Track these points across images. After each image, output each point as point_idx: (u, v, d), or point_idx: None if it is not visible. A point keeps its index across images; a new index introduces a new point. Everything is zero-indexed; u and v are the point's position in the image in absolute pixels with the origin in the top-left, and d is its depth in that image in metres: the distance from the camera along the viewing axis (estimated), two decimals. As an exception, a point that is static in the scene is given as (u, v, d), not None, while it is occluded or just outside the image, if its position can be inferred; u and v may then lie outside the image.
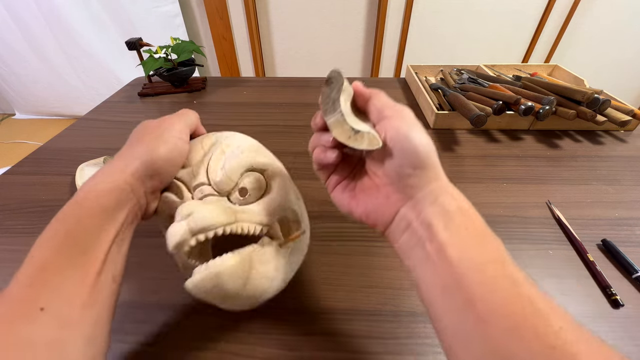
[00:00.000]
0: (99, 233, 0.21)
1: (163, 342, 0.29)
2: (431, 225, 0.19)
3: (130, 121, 0.66)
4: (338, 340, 0.29)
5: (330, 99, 0.23)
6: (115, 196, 0.23)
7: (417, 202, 0.20)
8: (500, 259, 0.18)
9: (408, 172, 0.20)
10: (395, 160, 0.20)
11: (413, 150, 0.20)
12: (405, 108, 0.22)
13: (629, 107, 0.57)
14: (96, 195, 0.22)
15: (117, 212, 0.22)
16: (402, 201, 0.21)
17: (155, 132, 0.27)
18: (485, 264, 0.17)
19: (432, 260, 0.19)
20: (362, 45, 1.59)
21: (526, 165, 0.51)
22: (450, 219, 0.19)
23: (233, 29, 1.56)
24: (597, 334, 0.15)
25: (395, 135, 0.20)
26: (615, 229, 0.39)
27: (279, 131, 0.61)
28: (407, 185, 0.20)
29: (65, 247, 0.20)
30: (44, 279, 0.18)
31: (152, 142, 0.26)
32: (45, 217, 0.42)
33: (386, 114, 0.21)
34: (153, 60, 0.72)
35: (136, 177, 0.24)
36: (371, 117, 0.23)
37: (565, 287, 0.33)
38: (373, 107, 0.22)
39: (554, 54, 1.55)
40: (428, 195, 0.20)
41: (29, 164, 0.53)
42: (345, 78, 0.23)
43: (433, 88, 0.71)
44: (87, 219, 0.21)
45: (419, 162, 0.20)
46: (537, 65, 0.81)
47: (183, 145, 0.27)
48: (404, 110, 0.22)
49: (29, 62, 1.72)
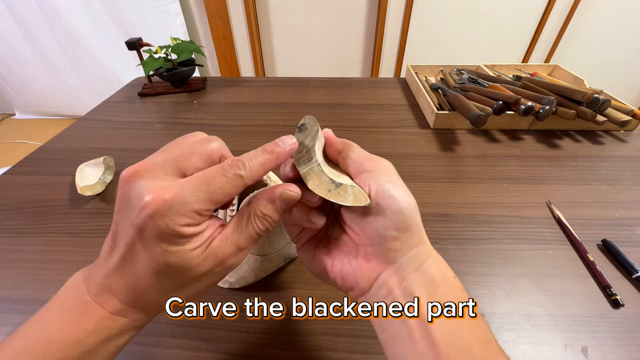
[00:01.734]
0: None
1: (163, 342, 0.29)
2: (414, 295, 0.17)
3: (130, 121, 0.66)
4: (338, 340, 0.29)
5: (304, 147, 0.20)
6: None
7: (400, 267, 0.18)
8: (486, 338, 0.17)
9: (392, 234, 0.18)
10: (379, 220, 0.18)
11: (399, 211, 0.18)
12: (386, 161, 0.20)
13: (629, 107, 0.57)
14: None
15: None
16: (383, 265, 0.19)
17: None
18: (471, 345, 0.16)
19: (413, 338, 0.17)
20: (362, 45, 1.59)
21: (526, 165, 0.51)
22: (434, 290, 0.17)
23: (233, 29, 1.56)
24: (597, 334, 0.15)
25: (380, 192, 0.18)
26: (615, 229, 0.39)
27: (279, 131, 0.61)
28: (389, 249, 0.18)
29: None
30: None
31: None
32: (45, 217, 0.43)
33: (367, 167, 0.19)
34: (153, 60, 0.72)
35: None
36: (349, 170, 0.21)
37: (565, 287, 0.33)
38: (350, 160, 0.20)
39: (554, 54, 1.55)
40: (412, 260, 0.18)
41: (29, 164, 0.53)
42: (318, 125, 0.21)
43: (433, 88, 0.71)
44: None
45: (404, 225, 0.18)
46: (537, 65, 0.81)
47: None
48: (385, 163, 0.20)
49: (29, 62, 1.73)
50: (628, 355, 0.27)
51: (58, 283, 0.18)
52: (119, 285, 0.17)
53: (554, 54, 1.55)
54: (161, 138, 0.60)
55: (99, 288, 0.17)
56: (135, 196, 0.16)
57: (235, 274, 0.30)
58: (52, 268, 0.35)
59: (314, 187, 0.19)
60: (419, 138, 0.59)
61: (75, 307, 0.17)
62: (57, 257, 0.37)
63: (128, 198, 0.16)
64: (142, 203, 0.15)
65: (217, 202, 0.17)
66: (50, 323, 0.17)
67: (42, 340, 0.16)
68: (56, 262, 0.36)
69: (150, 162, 0.17)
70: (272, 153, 0.19)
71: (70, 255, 0.37)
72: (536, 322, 0.30)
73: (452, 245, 0.38)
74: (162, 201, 0.15)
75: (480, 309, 0.30)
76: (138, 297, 0.17)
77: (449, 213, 0.42)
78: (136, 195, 0.16)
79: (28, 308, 0.32)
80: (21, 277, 0.35)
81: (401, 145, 0.57)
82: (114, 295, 0.17)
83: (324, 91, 0.78)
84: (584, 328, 0.29)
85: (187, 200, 0.16)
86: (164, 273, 0.16)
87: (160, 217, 0.15)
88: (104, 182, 0.47)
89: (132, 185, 0.16)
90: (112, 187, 0.48)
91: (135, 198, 0.15)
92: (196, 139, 0.19)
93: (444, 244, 0.38)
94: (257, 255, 0.29)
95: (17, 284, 0.34)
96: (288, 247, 0.30)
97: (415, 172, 0.49)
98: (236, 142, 0.58)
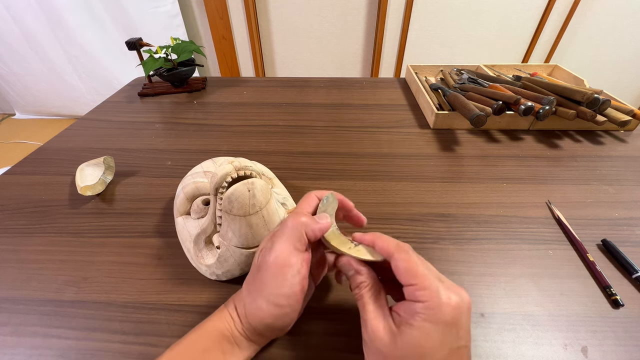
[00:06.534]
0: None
1: (163, 343, 0.29)
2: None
3: (130, 121, 0.66)
4: (339, 341, 0.29)
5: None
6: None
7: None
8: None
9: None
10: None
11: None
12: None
13: (629, 107, 0.57)
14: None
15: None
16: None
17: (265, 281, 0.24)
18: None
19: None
20: (362, 45, 1.59)
21: (526, 165, 0.51)
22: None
23: (233, 29, 1.56)
24: (597, 334, 0.15)
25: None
26: (615, 229, 0.39)
27: (279, 131, 0.61)
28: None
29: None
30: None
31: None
32: (45, 217, 0.43)
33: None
34: (153, 60, 0.72)
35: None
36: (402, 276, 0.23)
37: (565, 287, 0.33)
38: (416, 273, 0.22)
39: (554, 54, 1.55)
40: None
41: (29, 164, 0.53)
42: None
43: (433, 88, 0.71)
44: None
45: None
46: (537, 65, 0.81)
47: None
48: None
49: (29, 62, 1.73)
50: (628, 355, 0.27)
51: (58, 283, 0.18)
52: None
53: (554, 54, 1.55)
54: (161, 138, 0.60)
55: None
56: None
57: (222, 267, 0.32)
58: (52, 268, 0.35)
59: (337, 244, 0.25)
60: (418, 138, 0.59)
61: None
62: (57, 257, 0.37)
63: None
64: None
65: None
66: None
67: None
68: (56, 262, 0.36)
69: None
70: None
71: (70, 255, 0.37)
72: (536, 322, 0.30)
73: (451, 245, 0.38)
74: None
75: (480, 309, 0.31)
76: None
77: (448, 213, 0.42)
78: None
79: (28, 308, 0.32)
80: (21, 277, 0.35)
81: (401, 145, 0.57)
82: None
83: (324, 91, 0.78)
84: (584, 328, 0.29)
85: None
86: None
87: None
88: (104, 182, 0.47)
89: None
90: (112, 187, 0.48)
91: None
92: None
93: (444, 244, 0.38)
94: (242, 249, 0.30)
95: (17, 284, 0.34)
96: None
97: (415, 172, 0.49)
98: (236, 142, 0.58)
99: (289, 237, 0.24)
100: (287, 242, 0.23)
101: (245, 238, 0.30)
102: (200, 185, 0.34)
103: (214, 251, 0.33)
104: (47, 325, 0.30)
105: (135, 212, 0.43)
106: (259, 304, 0.23)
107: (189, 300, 0.32)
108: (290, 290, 0.23)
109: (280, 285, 0.23)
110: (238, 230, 0.29)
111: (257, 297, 0.23)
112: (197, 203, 0.34)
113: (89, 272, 0.35)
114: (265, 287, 0.23)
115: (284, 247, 0.23)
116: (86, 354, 0.28)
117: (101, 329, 0.30)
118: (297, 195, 0.44)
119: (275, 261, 0.23)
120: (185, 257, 0.36)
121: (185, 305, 0.32)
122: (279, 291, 0.23)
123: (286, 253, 0.23)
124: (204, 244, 0.33)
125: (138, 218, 0.42)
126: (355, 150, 0.55)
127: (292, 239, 0.23)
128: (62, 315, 0.31)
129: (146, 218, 0.42)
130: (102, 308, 0.31)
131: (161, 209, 0.43)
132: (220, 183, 0.28)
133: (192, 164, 0.41)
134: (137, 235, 0.39)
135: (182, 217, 0.36)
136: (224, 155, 0.45)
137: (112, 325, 0.30)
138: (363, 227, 0.31)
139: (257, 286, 0.24)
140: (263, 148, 0.56)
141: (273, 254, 0.23)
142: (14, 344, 0.29)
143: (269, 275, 0.23)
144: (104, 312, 0.31)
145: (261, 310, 0.23)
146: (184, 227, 0.35)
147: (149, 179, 0.49)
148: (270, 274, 0.23)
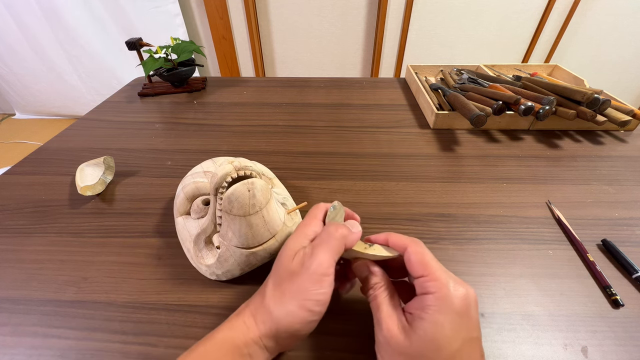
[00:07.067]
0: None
1: (163, 343, 0.29)
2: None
3: (130, 121, 0.66)
4: (339, 341, 0.29)
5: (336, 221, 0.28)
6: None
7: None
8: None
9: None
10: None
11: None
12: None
13: (629, 107, 0.57)
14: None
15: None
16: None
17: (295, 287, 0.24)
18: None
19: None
20: (362, 45, 1.59)
21: (526, 165, 0.51)
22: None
23: (233, 29, 1.56)
24: (597, 334, 0.15)
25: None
26: (615, 229, 0.39)
27: (279, 131, 0.61)
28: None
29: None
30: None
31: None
32: (45, 217, 0.43)
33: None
34: (153, 60, 0.72)
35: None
36: (414, 270, 0.24)
37: (565, 287, 0.33)
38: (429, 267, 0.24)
39: (554, 54, 1.55)
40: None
41: (29, 164, 0.53)
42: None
43: (433, 88, 0.71)
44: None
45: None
46: (537, 65, 0.81)
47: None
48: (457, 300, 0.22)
49: (29, 62, 1.73)
50: (628, 355, 0.27)
51: (58, 283, 0.18)
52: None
53: (554, 54, 1.55)
54: (161, 138, 0.60)
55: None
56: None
57: (222, 267, 0.32)
58: (52, 268, 0.35)
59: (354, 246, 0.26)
60: (418, 138, 0.59)
61: None
62: (57, 257, 0.37)
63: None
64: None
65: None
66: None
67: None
68: (56, 262, 0.36)
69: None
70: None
71: (70, 255, 0.37)
72: (536, 322, 0.30)
73: (451, 245, 0.38)
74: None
75: (480, 309, 0.31)
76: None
77: (448, 213, 0.42)
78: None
79: (28, 308, 0.32)
80: (21, 277, 0.35)
81: (401, 145, 0.57)
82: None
83: (324, 91, 0.78)
84: (584, 328, 0.29)
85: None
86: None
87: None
88: (104, 182, 0.47)
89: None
90: (112, 187, 0.48)
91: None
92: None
93: (444, 244, 0.38)
94: (242, 249, 0.30)
95: (17, 284, 0.34)
96: (273, 242, 0.31)
97: (415, 172, 0.49)
98: (236, 142, 0.58)
99: (333, 247, 0.24)
100: (330, 252, 0.24)
101: (245, 238, 0.30)
102: (200, 185, 0.34)
103: (214, 251, 0.33)
104: (47, 325, 0.30)
105: (135, 212, 0.43)
106: (289, 309, 0.23)
107: (189, 300, 0.32)
108: (324, 298, 0.23)
109: (317, 293, 0.23)
110: (238, 230, 0.29)
111: (289, 302, 0.23)
112: (197, 203, 0.34)
113: (89, 272, 0.35)
114: (302, 292, 0.23)
115: (327, 257, 0.24)
116: (86, 354, 0.28)
117: (101, 329, 0.30)
118: (297, 195, 0.44)
119: (317, 269, 0.23)
120: (185, 257, 0.36)
121: (185, 305, 0.32)
122: (316, 297, 0.23)
123: (329, 263, 0.24)
124: (204, 244, 0.33)
125: (138, 218, 0.42)
126: (355, 150, 0.55)
127: (334, 249, 0.24)
128: (62, 315, 0.31)
129: (146, 218, 0.42)
130: (102, 308, 0.31)
131: (161, 209, 0.43)
132: (220, 183, 0.28)
133: (192, 164, 0.41)
134: (137, 235, 0.39)
135: (182, 217, 0.36)
136: (224, 155, 0.45)
137: (112, 325, 0.30)
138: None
139: (292, 290, 0.24)
140: (263, 148, 0.56)
141: (316, 261, 0.23)
142: (14, 344, 0.29)
143: (309, 281, 0.23)
144: (104, 312, 0.31)
145: (291, 314, 0.23)
146: (184, 227, 0.35)
147: (149, 179, 0.49)
148: (310, 280, 0.23)
